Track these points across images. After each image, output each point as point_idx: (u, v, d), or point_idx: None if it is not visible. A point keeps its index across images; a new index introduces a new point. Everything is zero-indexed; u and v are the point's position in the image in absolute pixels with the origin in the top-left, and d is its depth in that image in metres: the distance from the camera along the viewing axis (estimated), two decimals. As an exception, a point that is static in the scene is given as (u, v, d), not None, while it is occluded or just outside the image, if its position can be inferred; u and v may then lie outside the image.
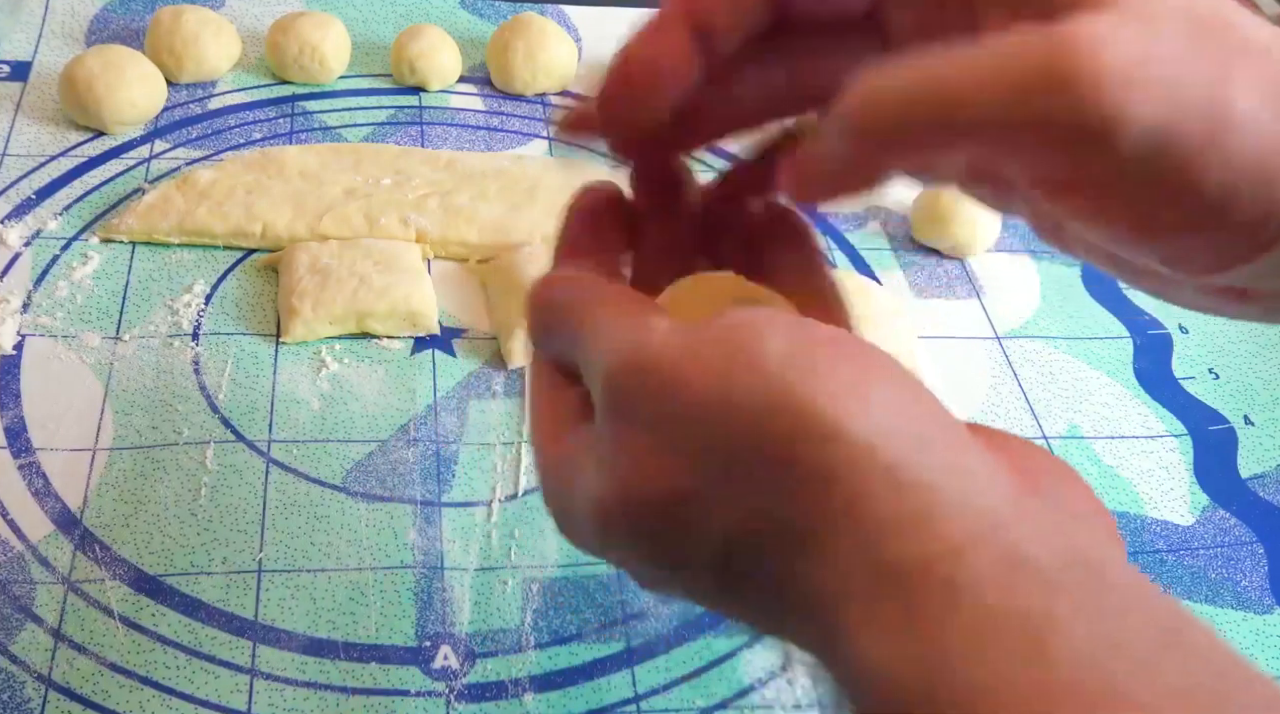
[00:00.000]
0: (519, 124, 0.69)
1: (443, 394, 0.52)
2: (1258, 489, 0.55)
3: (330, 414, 0.51)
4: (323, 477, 0.48)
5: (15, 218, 0.57)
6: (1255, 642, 0.48)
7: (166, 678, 0.41)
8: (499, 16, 0.76)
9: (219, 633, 0.42)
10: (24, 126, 0.63)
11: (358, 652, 0.43)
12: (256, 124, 0.65)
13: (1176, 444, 0.56)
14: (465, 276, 0.58)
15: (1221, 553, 0.51)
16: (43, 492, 0.46)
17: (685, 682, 0.44)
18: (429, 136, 0.66)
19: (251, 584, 0.44)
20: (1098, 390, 0.58)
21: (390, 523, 0.47)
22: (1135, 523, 0.52)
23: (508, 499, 0.49)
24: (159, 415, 0.49)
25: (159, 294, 0.55)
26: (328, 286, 0.53)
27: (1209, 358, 0.61)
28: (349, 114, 0.67)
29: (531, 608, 0.45)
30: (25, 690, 0.40)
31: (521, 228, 0.59)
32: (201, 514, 0.46)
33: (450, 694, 0.42)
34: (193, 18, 0.66)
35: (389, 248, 0.56)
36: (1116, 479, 0.54)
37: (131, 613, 0.43)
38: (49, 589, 0.43)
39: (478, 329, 0.56)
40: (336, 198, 0.59)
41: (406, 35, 0.69)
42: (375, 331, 0.54)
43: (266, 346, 0.53)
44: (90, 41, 0.69)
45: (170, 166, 0.61)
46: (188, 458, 0.48)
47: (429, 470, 0.49)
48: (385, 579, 0.45)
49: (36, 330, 0.52)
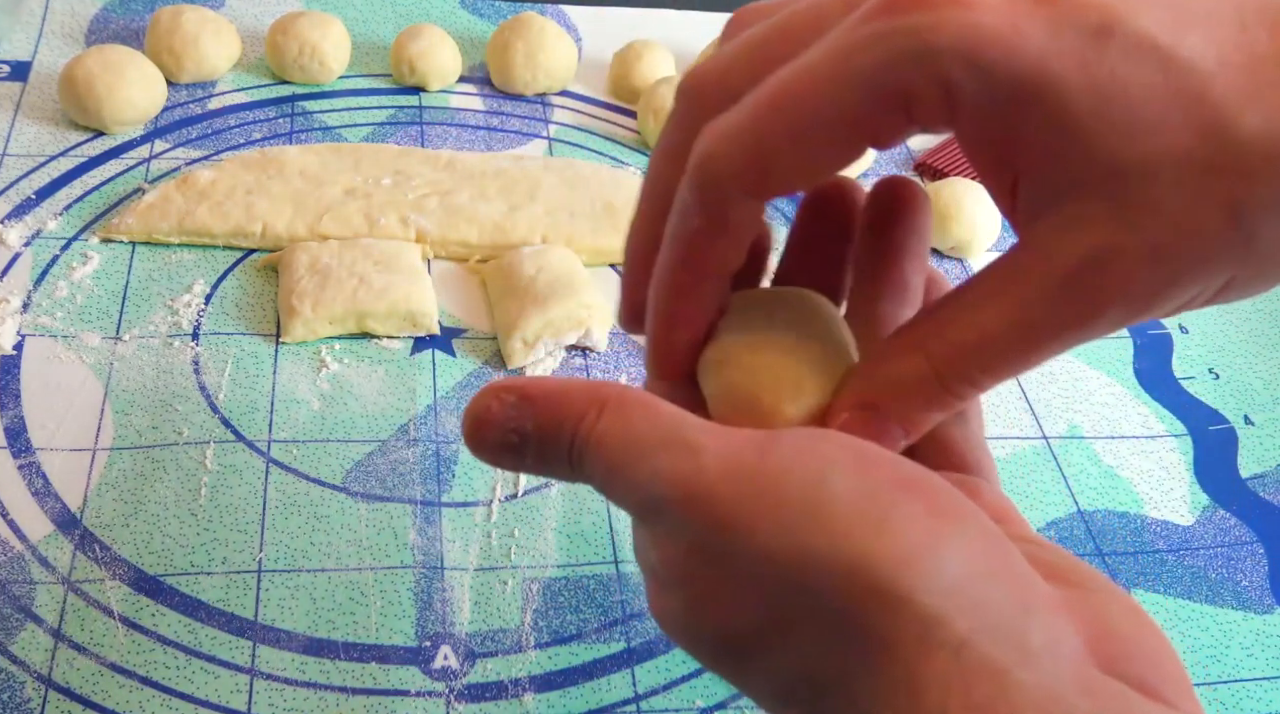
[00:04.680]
0: (519, 124, 0.69)
1: (443, 394, 0.52)
2: (1258, 489, 0.55)
3: (330, 414, 0.51)
4: (323, 477, 0.48)
5: (15, 218, 0.57)
6: (1255, 642, 0.48)
7: (166, 678, 0.41)
8: (499, 16, 0.76)
9: (219, 633, 0.42)
10: (24, 126, 0.63)
11: (358, 652, 0.43)
12: (256, 124, 0.65)
13: (1176, 444, 0.56)
14: (465, 276, 0.58)
15: (1221, 553, 0.51)
16: (43, 492, 0.46)
17: (685, 682, 0.44)
18: (429, 136, 0.66)
19: (251, 584, 0.44)
20: (1098, 390, 0.58)
21: (390, 523, 0.47)
22: (1135, 523, 0.52)
23: (508, 499, 0.49)
24: (159, 415, 0.49)
25: (159, 294, 0.55)
26: (328, 286, 0.53)
27: (1209, 358, 0.61)
28: (349, 114, 0.67)
29: (531, 608, 0.45)
30: (25, 690, 0.40)
31: (521, 228, 0.59)
32: (201, 514, 0.46)
33: (450, 694, 0.42)
34: (193, 18, 0.66)
35: (389, 248, 0.56)
36: (1116, 479, 0.54)
37: (131, 613, 0.43)
38: (49, 589, 0.43)
39: (478, 329, 0.56)
40: (336, 198, 0.59)
41: (406, 35, 0.69)
42: (375, 332, 0.54)
43: (266, 347, 0.53)
44: (90, 41, 0.69)
45: (170, 166, 0.61)
46: (188, 458, 0.48)
47: (429, 470, 0.49)
48: (385, 579, 0.45)
49: (36, 330, 0.52)
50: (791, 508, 0.22)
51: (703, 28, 0.76)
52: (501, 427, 0.26)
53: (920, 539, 0.22)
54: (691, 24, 0.78)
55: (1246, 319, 0.64)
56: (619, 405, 0.25)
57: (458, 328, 0.56)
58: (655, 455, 0.24)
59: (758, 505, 0.22)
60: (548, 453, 0.26)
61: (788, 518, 0.22)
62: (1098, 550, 0.50)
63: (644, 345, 0.29)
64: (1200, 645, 0.47)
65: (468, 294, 0.58)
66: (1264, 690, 0.46)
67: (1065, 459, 0.54)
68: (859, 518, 0.22)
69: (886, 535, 0.22)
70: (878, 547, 0.22)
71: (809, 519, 0.22)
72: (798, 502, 0.22)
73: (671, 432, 0.24)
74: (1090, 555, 0.50)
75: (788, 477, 0.23)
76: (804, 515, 0.22)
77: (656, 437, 0.24)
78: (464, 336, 0.55)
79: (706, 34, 0.74)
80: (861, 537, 0.22)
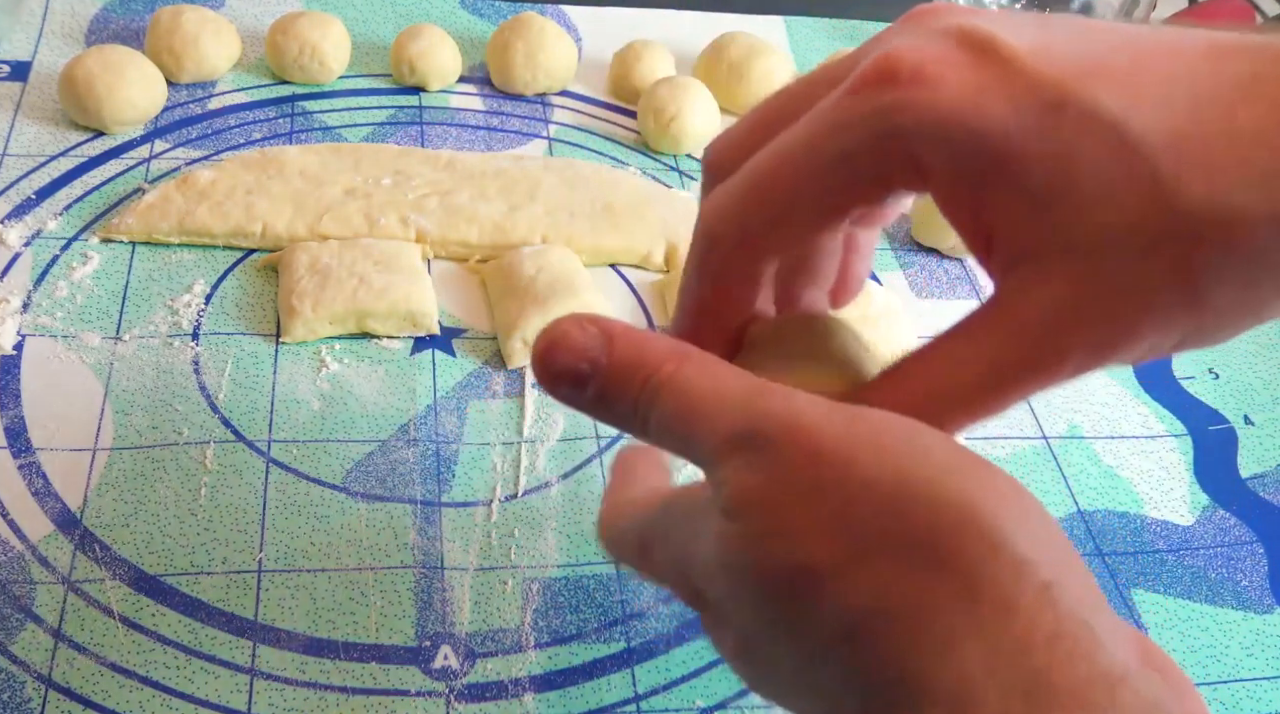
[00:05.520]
0: (519, 124, 0.69)
1: (443, 394, 0.52)
2: (1258, 489, 0.55)
3: (330, 414, 0.51)
4: (323, 477, 0.48)
5: (15, 218, 0.57)
6: (1255, 642, 0.48)
7: (166, 678, 0.41)
8: (499, 16, 0.76)
9: (219, 633, 0.42)
10: (24, 126, 0.63)
11: (358, 652, 0.43)
12: (256, 124, 0.65)
13: (1176, 444, 0.56)
14: (465, 276, 0.58)
15: (1221, 553, 0.51)
16: (43, 492, 0.46)
17: (685, 682, 0.44)
18: (429, 136, 0.66)
19: (251, 584, 0.44)
20: (1098, 390, 0.58)
21: (390, 523, 0.47)
22: (1135, 523, 0.52)
23: (508, 499, 0.49)
24: (159, 415, 0.49)
25: (159, 294, 0.55)
26: (328, 286, 0.53)
27: (1209, 358, 0.61)
28: (349, 114, 0.67)
29: (531, 608, 0.45)
30: (25, 690, 0.40)
31: (521, 228, 0.59)
32: (201, 514, 0.46)
33: (450, 694, 0.42)
34: (193, 18, 0.66)
35: (389, 248, 0.56)
36: (1116, 479, 0.54)
37: (131, 613, 0.43)
38: (49, 589, 0.43)
39: (478, 329, 0.56)
40: (336, 198, 0.59)
41: (406, 35, 0.69)
42: (375, 332, 0.54)
43: (266, 346, 0.53)
44: (90, 41, 0.69)
45: (170, 166, 0.61)
46: (188, 458, 0.48)
47: (429, 470, 0.49)
48: (385, 579, 0.45)
49: (36, 330, 0.52)
50: (892, 447, 0.24)
51: (703, 28, 0.76)
52: (576, 352, 0.27)
53: (1011, 496, 0.24)
54: (691, 24, 0.78)
55: (1246, 319, 0.64)
56: (702, 360, 0.27)
57: (458, 328, 0.56)
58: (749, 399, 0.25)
59: (858, 440, 0.24)
60: (612, 390, 0.27)
61: (888, 453, 0.24)
62: (1098, 550, 0.50)
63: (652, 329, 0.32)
64: (1200, 645, 0.47)
65: (468, 294, 0.58)
66: (1264, 690, 0.46)
67: (1065, 459, 0.54)
68: (956, 465, 0.24)
69: (983, 484, 0.23)
70: (975, 489, 0.23)
71: (909, 457, 0.24)
72: (899, 442, 0.24)
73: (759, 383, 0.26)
74: (1090, 555, 0.50)
75: (886, 423, 0.25)
76: (904, 453, 0.24)
77: (742, 386, 0.26)
78: (464, 336, 0.55)
79: (706, 34, 0.74)
80: (961, 479, 0.23)
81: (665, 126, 0.67)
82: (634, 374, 0.26)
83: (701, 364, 0.26)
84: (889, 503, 0.23)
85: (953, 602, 0.22)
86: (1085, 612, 0.22)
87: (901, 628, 0.23)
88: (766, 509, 0.24)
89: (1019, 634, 0.22)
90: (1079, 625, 0.22)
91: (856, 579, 0.23)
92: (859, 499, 0.23)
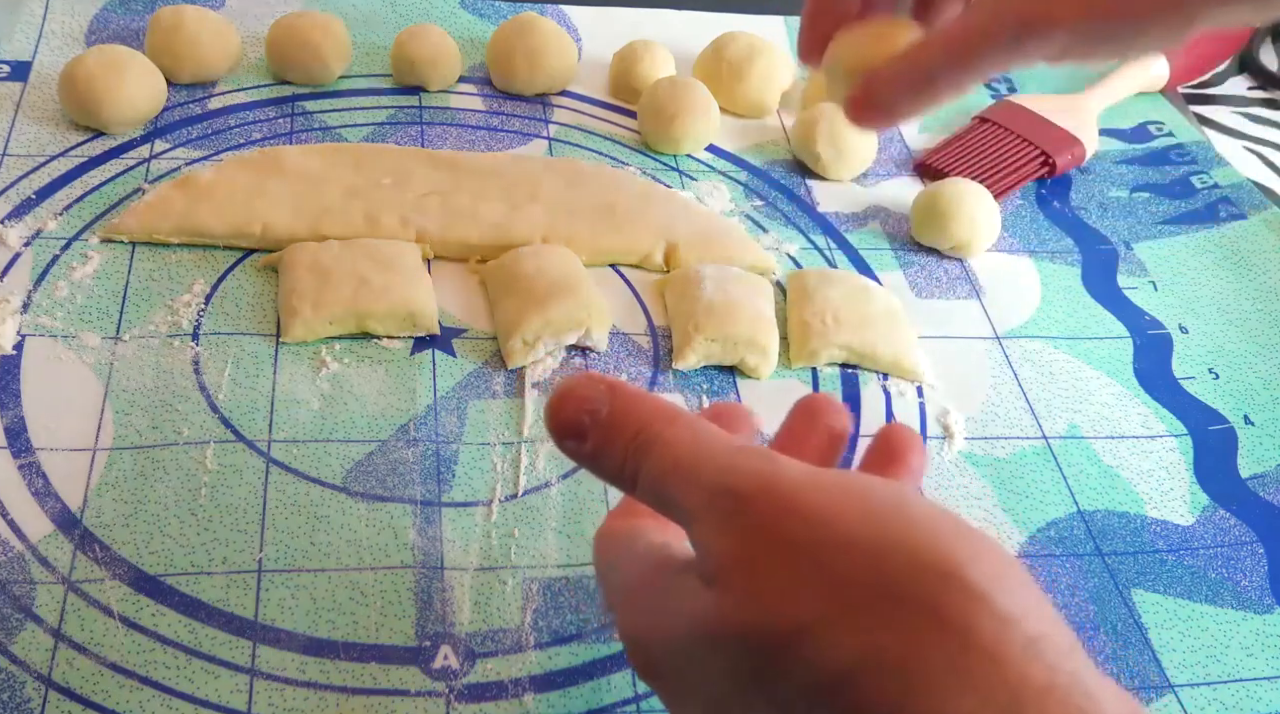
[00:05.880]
0: (519, 124, 0.69)
1: (443, 394, 0.52)
2: (1258, 489, 0.55)
3: (330, 414, 0.51)
4: (323, 477, 0.48)
5: (15, 218, 0.57)
6: (1255, 642, 0.48)
7: (166, 678, 0.41)
8: (499, 16, 0.76)
9: (219, 633, 0.42)
10: (24, 126, 0.63)
11: (358, 652, 0.43)
12: (256, 124, 0.65)
13: (1176, 444, 0.56)
14: (465, 276, 0.58)
15: (1221, 553, 0.51)
16: (43, 492, 0.46)
17: (685, 682, 0.44)
18: (429, 136, 0.67)
19: (251, 584, 0.44)
20: (1098, 390, 0.58)
21: (390, 523, 0.47)
22: (1135, 523, 0.52)
23: (508, 499, 0.49)
24: (159, 415, 0.49)
25: (159, 294, 0.55)
26: (328, 287, 0.53)
27: (1209, 358, 0.61)
28: (349, 114, 0.67)
29: (531, 608, 0.45)
30: (25, 690, 0.40)
31: (521, 228, 0.59)
32: (201, 514, 0.46)
33: (450, 694, 0.42)
34: (193, 18, 0.66)
35: (389, 248, 0.56)
36: (1116, 479, 0.54)
37: (131, 613, 0.43)
38: (49, 589, 0.43)
39: (478, 329, 0.56)
40: (336, 198, 0.59)
41: (406, 35, 0.69)
42: (375, 332, 0.54)
43: (266, 346, 0.53)
44: (90, 41, 0.69)
45: (170, 166, 0.61)
46: (188, 458, 0.48)
47: (429, 470, 0.49)
48: (385, 579, 0.45)
49: (36, 330, 0.52)
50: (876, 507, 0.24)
51: (703, 28, 0.76)
52: (580, 403, 0.28)
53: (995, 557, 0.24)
54: (691, 24, 0.78)
55: (1246, 319, 0.64)
56: (691, 422, 0.28)
57: (458, 328, 0.56)
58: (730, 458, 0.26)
59: (843, 500, 0.24)
60: (608, 441, 0.28)
61: (872, 513, 0.24)
62: (1097, 550, 0.50)
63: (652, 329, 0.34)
64: (1200, 645, 0.47)
65: (468, 294, 0.58)
66: (1264, 690, 0.46)
67: (1065, 459, 0.54)
68: (939, 526, 0.24)
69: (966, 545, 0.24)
70: (959, 548, 0.24)
71: (893, 517, 0.24)
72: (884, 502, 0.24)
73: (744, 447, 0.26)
74: (1090, 555, 0.50)
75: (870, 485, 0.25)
76: (889, 515, 0.24)
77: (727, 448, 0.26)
78: (464, 336, 0.55)
79: (706, 34, 0.74)
80: (945, 539, 0.24)
81: (665, 126, 0.67)
82: (625, 430, 0.27)
83: (689, 424, 0.27)
84: (872, 559, 0.23)
85: (943, 653, 0.22)
86: (1073, 665, 0.23)
87: (893, 678, 0.23)
88: (744, 571, 0.25)
89: (1012, 686, 0.22)
90: (1069, 678, 0.22)
91: (845, 631, 0.23)
92: (842, 555, 0.24)
